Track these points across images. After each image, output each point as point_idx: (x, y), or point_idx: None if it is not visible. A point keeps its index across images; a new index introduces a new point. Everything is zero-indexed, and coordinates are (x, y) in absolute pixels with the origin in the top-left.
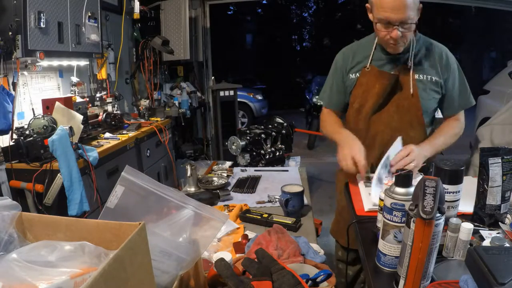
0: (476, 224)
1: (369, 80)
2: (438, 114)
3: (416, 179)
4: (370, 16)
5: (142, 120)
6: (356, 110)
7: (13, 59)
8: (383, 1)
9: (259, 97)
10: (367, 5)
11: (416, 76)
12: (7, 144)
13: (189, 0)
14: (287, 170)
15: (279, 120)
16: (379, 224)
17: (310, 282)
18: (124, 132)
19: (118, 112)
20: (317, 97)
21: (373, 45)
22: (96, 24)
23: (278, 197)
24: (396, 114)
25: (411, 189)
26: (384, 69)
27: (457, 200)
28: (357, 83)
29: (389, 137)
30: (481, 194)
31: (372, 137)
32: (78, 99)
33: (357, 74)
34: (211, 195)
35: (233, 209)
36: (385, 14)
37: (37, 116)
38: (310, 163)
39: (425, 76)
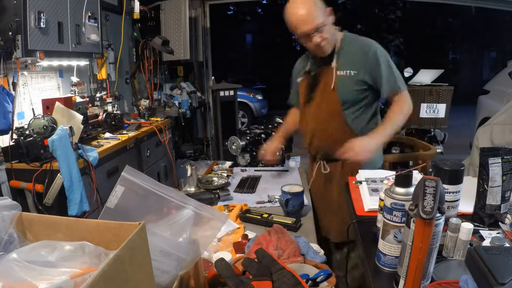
0: (476, 224)
1: (301, 81)
2: None
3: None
4: (295, 36)
5: (142, 120)
6: (299, 105)
7: (13, 59)
8: (292, 21)
9: (259, 97)
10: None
11: (339, 73)
12: (7, 144)
13: (189, 0)
14: (287, 170)
15: (279, 120)
16: (379, 224)
17: (310, 282)
18: (124, 132)
19: (118, 112)
20: None
21: (306, 57)
22: (96, 24)
23: (278, 197)
24: (320, 107)
25: (411, 189)
26: (317, 71)
27: (457, 200)
28: (300, 85)
29: (315, 126)
30: (481, 194)
31: (305, 126)
32: (78, 99)
33: (301, 78)
34: (211, 195)
35: (233, 209)
36: (298, 30)
37: (37, 116)
38: None
39: (346, 71)
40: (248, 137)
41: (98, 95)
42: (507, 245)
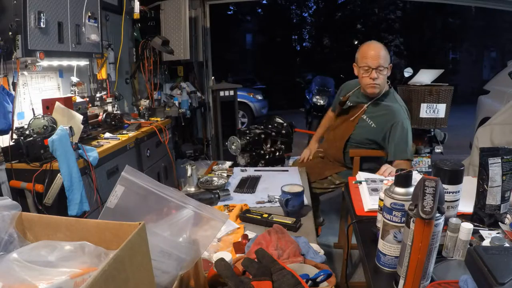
0: (476, 224)
1: (343, 99)
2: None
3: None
4: (356, 70)
5: (142, 120)
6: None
7: (13, 59)
8: (366, 52)
9: (259, 97)
10: (354, 64)
11: (363, 116)
12: (7, 144)
13: (189, 0)
14: (287, 170)
15: (279, 120)
16: (379, 224)
17: (310, 282)
18: (124, 132)
19: (118, 112)
20: (317, 97)
21: (355, 87)
22: (96, 24)
23: (278, 197)
24: (337, 131)
25: (411, 189)
26: (354, 102)
27: (457, 200)
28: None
29: (330, 143)
30: (481, 194)
31: (326, 135)
32: (78, 99)
33: (343, 97)
34: (211, 195)
35: (233, 209)
36: (368, 59)
37: (37, 116)
38: None
39: (369, 120)
40: (248, 137)
41: (98, 95)
42: (507, 245)
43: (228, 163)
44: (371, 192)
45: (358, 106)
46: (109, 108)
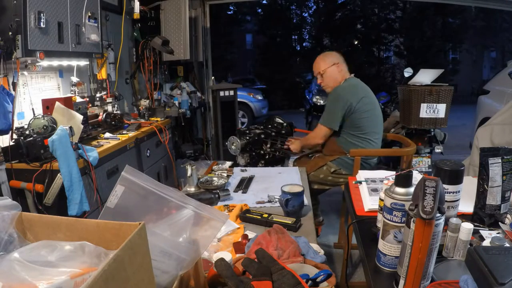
0: (476, 224)
1: None
2: None
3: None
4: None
5: (142, 120)
6: None
7: (13, 59)
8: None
9: (259, 97)
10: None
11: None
12: (7, 144)
13: (189, 0)
14: (287, 170)
15: (279, 120)
16: (379, 224)
17: (310, 282)
18: (124, 132)
19: (118, 112)
20: (317, 97)
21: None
22: (96, 24)
23: (278, 197)
24: None
25: (411, 189)
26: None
27: (457, 200)
28: None
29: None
30: (481, 194)
31: None
32: (78, 99)
33: None
34: (211, 195)
35: (233, 209)
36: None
37: (37, 116)
38: None
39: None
40: (247, 137)
41: (98, 95)
42: (507, 245)
43: (228, 163)
44: (371, 192)
45: None
46: (109, 108)
